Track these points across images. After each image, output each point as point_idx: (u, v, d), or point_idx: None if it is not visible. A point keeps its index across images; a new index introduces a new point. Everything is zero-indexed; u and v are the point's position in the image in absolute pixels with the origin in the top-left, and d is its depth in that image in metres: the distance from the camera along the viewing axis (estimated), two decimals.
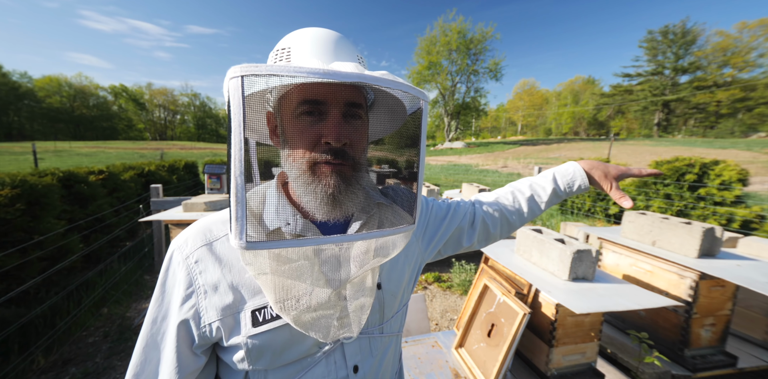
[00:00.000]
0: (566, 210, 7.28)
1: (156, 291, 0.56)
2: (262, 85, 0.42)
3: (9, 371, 2.19)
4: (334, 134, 0.48)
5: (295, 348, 0.56)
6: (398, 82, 0.45)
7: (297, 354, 0.57)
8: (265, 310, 0.54)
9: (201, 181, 8.14)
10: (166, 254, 0.57)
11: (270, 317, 0.54)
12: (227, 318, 0.53)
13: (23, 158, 18.38)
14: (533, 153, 26.17)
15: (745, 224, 4.56)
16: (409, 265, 0.73)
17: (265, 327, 0.54)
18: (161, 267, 0.57)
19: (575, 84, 77.07)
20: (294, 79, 0.41)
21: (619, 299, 1.51)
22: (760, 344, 2.20)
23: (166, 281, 0.56)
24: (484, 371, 1.68)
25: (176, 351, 0.53)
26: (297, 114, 0.49)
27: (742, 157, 15.17)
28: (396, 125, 0.60)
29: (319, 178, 0.49)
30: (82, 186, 3.95)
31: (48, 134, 61.86)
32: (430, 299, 3.52)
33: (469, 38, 40.54)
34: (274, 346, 0.55)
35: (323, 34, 0.56)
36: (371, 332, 0.65)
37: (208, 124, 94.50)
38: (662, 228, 2.17)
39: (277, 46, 0.57)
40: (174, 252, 0.56)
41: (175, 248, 0.56)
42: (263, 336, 0.54)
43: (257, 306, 0.54)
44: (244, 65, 0.38)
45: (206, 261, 0.55)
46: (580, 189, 0.83)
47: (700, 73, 46.20)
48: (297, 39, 0.55)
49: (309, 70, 0.38)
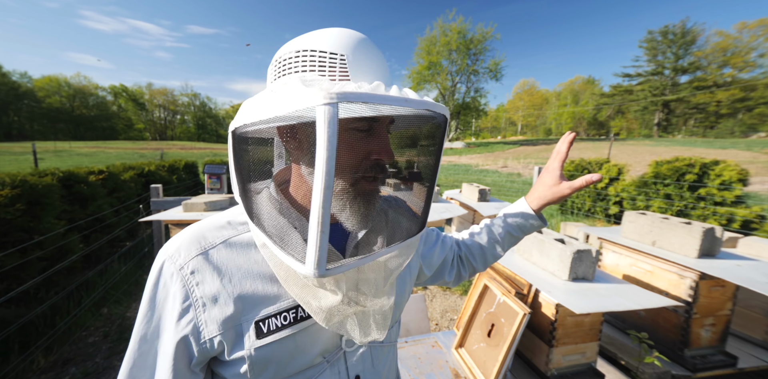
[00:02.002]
0: (566, 210, 7.28)
1: (143, 306, 0.50)
2: (351, 112, 0.38)
3: (9, 371, 2.19)
4: (387, 152, 0.49)
5: (300, 359, 0.54)
6: (442, 105, 0.48)
7: (301, 365, 0.55)
8: (269, 320, 0.51)
9: (201, 181, 8.14)
10: (154, 266, 0.52)
11: (275, 328, 0.51)
12: (229, 331, 0.50)
13: (23, 158, 18.39)
14: (533, 153, 26.18)
15: (745, 224, 4.56)
16: (411, 276, 0.74)
17: (270, 338, 0.51)
18: (147, 280, 0.52)
19: (575, 84, 77.10)
20: (383, 109, 0.40)
21: (619, 299, 1.51)
22: (760, 344, 2.20)
23: (155, 295, 0.50)
24: (484, 371, 1.68)
25: (172, 371, 0.48)
26: (348, 128, 0.47)
27: (742, 157, 15.17)
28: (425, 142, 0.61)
29: (358, 193, 0.49)
30: (82, 186, 3.95)
31: (48, 134, 61.89)
32: (430, 299, 3.52)
33: (469, 38, 40.56)
34: (280, 357, 0.52)
35: (365, 43, 0.51)
36: (373, 341, 0.64)
37: (208, 124, 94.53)
38: (662, 228, 2.17)
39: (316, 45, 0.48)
40: (164, 263, 0.51)
41: (166, 259, 0.51)
42: (268, 348, 0.51)
43: (261, 317, 0.51)
44: (333, 89, 0.35)
45: (203, 271, 0.50)
46: (534, 227, 0.83)
47: (700, 73, 46.22)
48: (346, 46, 0.49)
49: (396, 99, 0.40)
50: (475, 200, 4.52)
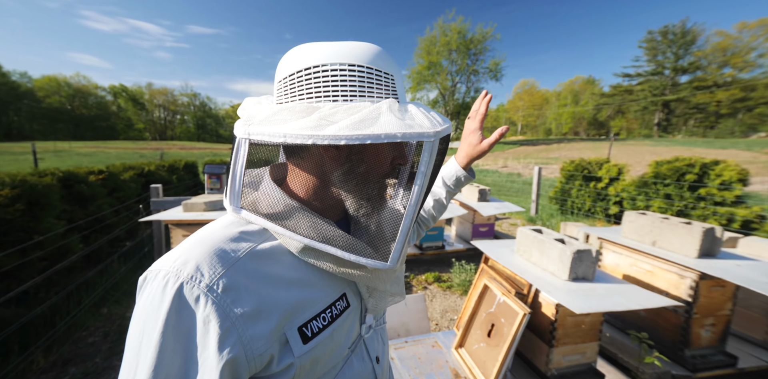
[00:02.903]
0: (566, 210, 7.28)
1: (154, 340, 0.42)
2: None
3: (9, 371, 2.19)
4: (406, 157, 0.61)
5: (337, 353, 0.57)
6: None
7: (337, 359, 0.57)
8: (311, 324, 0.52)
9: (201, 181, 8.14)
10: (156, 292, 0.44)
11: (318, 330, 0.52)
12: (275, 343, 0.48)
13: (23, 158, 18.38)
14: (533, 153, 26.17)
15: (745, 224, 4.56)
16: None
17: (315, 342, 0.52)
18: (147, 308, 0.44)
19: (575, 84, 77.02)
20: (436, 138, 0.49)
21: (619, 299, 1.51)
22: (760, 344, 2.20)
23: (178, 324, 0.43)
24: (484, 371, 1.68)
25: None
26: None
27: (742, 157, 15.17)
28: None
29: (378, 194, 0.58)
30: (82, 186, 3.95)
31: (48, 134, 61.85)
32: (430, 299, 3.52)
33: (469, 38, 40.49)
34: (324, 356, 0.54)
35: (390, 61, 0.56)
36: (380, 323, 0.72)
37: (208, 124, 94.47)
38: (662, 228, 2.17)
39: (365, 62, 0.51)
40: (182, 287, 0.43)
41: (184, 281, 0.44)
42: (314, 350, 0.52)
43: (303, 322, 0.51)
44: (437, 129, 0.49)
45: (236, 288, 0.46)
46: (467, 180, 0.95)
47: (700, 73, 46.16)
48: (389, 65, 0.54)
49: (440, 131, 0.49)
50: (474, 200, 4.52)
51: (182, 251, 0.48)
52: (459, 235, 4.97)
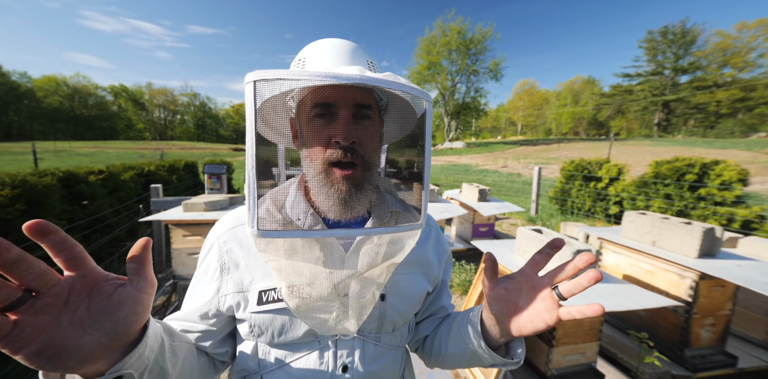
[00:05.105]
0: (566, 210, 7.28)
1: (201, 256, 0.68)
2: (274, 90, 0.44)
3: (9, 371, 2.19)
4: (342, 133, 0.50)
5: (291, 332, 0.62)
6: (399, 82, 0.45)
7: (292, 338, 0.62)
8: (270, 292, 0.60)
9: (201, 181, 8.14)
10: (210, 233, 0.70)
11: (272, 299, 0.60)
12: (239, 293, 0.62)
13: (23, 158, 18.37)
14: (533, 153, 26.17)
15: (745, 224, 4.56)
16: (425, 287, 0.71)
17: (266, 307, 0.60)
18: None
19: (575, 84, 77.04)
20: (299, 83, 0.44)
21: (619, 299, 1.51)
22: (760, 344, 2.20)
23: (208, 252, 0.66)
24: (484, 371, 1.67)
25: (206, 304, 0.64)
26: (311, 117, 0.53)
27: (742, 157, 15.16)
28: (402, 126, 0.61)
29: (331, 182, 0.52)
30: (82, 186, 3.95)
31: (48, 134, 61.88)
32: None
33: (469, 38, 40.49)
34: (274, 325, 0.61)
35: (337, 44, 0.61)
36: (368, 337, 0.65)
37: (207, 124, 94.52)
38: (662, 228, 2.17)
39: (296, 56, 0.63)
40: (212, 232, 0.68)
41: (214, 229, 0.68)
42: (264, 315, 0.61)
43: (265, 287, 0.61)
44: (257, 71, 0.41)
45: (231, 242, 0.64)
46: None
47: (700, 73, 46.18)
48: (313, 49, 0.61)
49: (311, 74, 0.41)
50: (475, 200, 4.52)
51: (229, 212, 0.72)
52: (459, 235, 4.97)
